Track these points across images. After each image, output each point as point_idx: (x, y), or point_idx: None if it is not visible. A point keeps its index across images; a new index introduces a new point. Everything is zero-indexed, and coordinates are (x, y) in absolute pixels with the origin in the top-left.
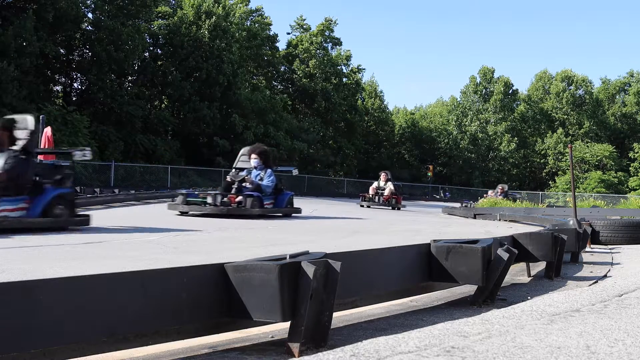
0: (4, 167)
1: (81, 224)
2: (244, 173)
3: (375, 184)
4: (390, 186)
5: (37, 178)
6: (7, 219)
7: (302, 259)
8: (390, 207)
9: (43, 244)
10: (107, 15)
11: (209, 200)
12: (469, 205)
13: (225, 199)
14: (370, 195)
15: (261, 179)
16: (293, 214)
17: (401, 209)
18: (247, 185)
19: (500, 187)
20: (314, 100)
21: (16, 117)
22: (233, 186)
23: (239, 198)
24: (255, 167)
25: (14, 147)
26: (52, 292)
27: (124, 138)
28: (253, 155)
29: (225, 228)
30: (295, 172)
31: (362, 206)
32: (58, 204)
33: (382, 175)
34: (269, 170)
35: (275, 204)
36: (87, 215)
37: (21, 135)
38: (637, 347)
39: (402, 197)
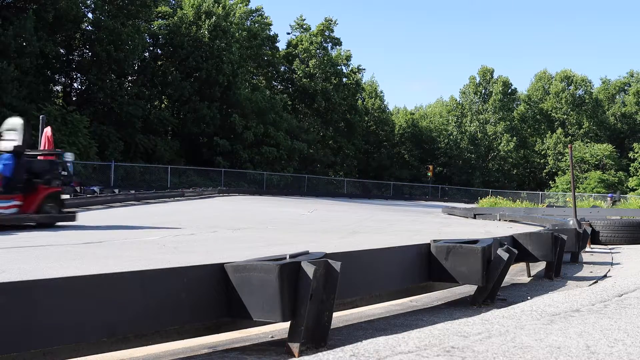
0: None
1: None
2: None
3: None
4: None
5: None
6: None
7: (302, 259)
8: None
9: (43, 244)
10: (107, 15)
11: None
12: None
13: None
14: None
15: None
16: (59, 222)
17: None
18: None
19: None
20: (314, 100)
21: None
22: None
23: None
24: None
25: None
26: (52, 292)
27: (124, 138)
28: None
29: None
30: (69, 157)
31: None
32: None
33: None
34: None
35: (23, 206)
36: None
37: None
38: (637, 347)
39: None
